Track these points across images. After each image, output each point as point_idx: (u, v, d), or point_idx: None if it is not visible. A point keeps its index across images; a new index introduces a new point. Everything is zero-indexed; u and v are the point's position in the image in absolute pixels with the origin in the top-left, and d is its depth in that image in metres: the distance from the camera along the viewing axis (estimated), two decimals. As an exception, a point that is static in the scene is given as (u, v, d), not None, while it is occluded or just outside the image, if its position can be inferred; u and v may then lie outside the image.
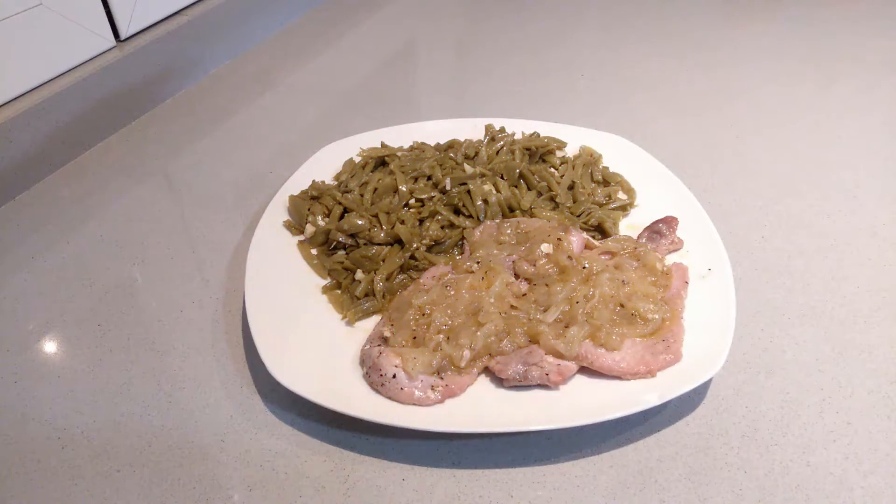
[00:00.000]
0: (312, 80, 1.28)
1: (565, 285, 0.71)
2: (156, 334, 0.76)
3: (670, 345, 0.66)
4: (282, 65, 1.33)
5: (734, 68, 1.29)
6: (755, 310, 0.77)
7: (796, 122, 1.12)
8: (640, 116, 1.15)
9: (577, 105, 1.19)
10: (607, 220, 0.84)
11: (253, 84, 1.26)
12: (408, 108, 1.20)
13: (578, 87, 1.25)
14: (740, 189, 0.97)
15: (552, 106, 1.18)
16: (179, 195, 0.99)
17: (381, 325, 0.71)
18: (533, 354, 0.65)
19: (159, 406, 0.68)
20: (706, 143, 1.07)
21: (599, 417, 0.61)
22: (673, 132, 1.10)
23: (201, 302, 0.80)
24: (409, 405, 0.63)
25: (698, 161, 1.03)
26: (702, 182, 0.98)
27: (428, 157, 0.93)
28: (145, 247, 0.90)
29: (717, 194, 0.95)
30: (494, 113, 1.14)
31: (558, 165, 0.94)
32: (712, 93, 1.22)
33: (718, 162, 1.03)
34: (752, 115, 1.14)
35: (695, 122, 1.13)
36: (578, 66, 1.31)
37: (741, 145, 1.07)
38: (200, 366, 0.72)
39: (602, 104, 1.19)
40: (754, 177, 0.99)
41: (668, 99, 1.20)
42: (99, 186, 1.01)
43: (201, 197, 0.99)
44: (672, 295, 0.72)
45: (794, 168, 1.01)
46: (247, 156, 1.08)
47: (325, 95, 1.23)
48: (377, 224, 0.83)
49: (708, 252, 0.78)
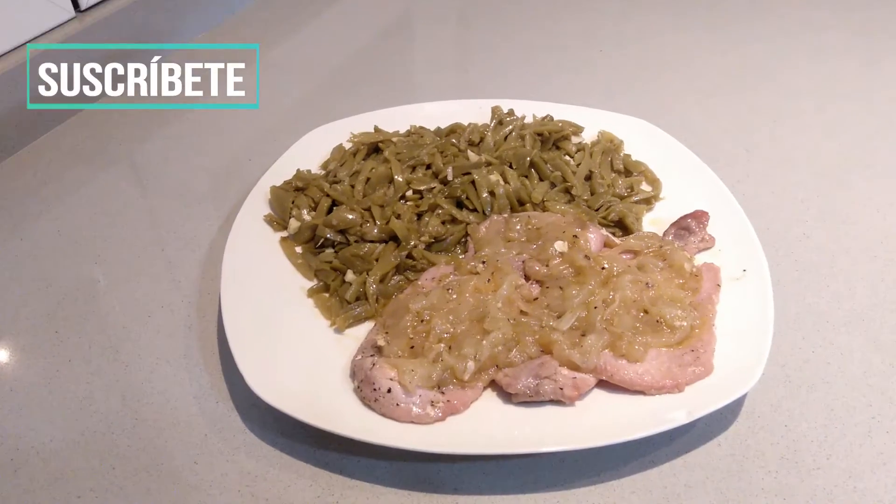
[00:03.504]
0: (296, 56, 1.28)
1: (582, 288, 0.71)
2: (120, 342, 0.76)
3: (700, 355, 0.66)
4: (262, 38, 1.32)
5: (772, 42, 1.29)
6: (795, 316, 0.77)
7: (842, 104, 1.12)
8: (666, 97, 1.14)
9: (595, 84, 1.18)
10: (629, 215, 0.83)
11: (228, 61, 1.26)
12: (404, 87, 1.20)
13: (597, 63, 1.24)
14: (779, 179, 0.97)
15: (567, 85, 1.18)
16: (147, 185, 0.99)
17: (374, 332, 0.71)
18: (545, 366, 0.65)
19: (124, 424, 0.68)
20: (741, 128, 1.07)
21: (620, 437, 0.60)
22: (703, 115, 1.10)
23: (172, 306, 0.80)
24: (406, 423, 0.63)
25: (732, 148, 1.03)
26: (736, 171, 0.97)
27: (427, 144, 0.93)
28: (108, 243, 0.89)
29: (752, 185, 0.95)
30: (502, 94, 1.14)
31: (574, 153, 0.94)
32: (748, 70, 1.21)
33: (754, 149, 1.03)
34: (792, 96, 1.14)
35: (728, 104, 1.12)
36: (597, 41, 1.30)
37: (780, 129, 1.07)
38: (171, 378, 0.72)
39: (624, 83, 1.19)
40: (795, 165, 0.99)
41: (698, 77, 1.20)
42: (56, 175, 1.01)
43: (172, 187, 0.98)
44: (702, 299, 0.72)
45: (839, 156, 1.01)
46: (223, 141, 1.07)
47: (311, 73, 1.23)
48: (370, 219, 0.82)
49: (742, 251, 0.78)
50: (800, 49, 1.27)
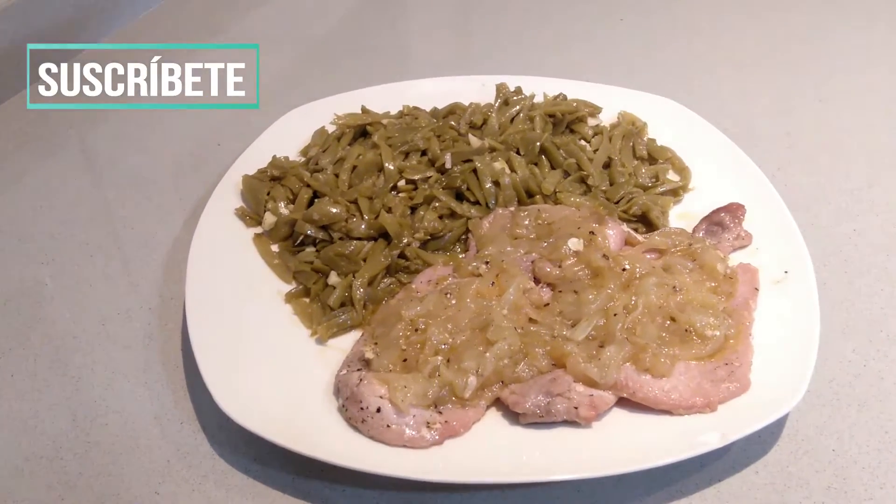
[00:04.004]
0: (272, 26, 1.28)
1: (600, 293, 0.71)
2: (70, 355, 0.76)
3: (735, 370, 0.66)
4: (232, 5, 1.32)
5: (817, 9, 1.29)
6: (844, 324, 0.77)
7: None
8: (695, 73, 1.14)
9: (614, 58, 1.18)
10: (654, 208, 0.83)
11: (195, 31, 1.26)
12: (396, 61, 1.20)
13: (617, 33, 1.24)
14: (825, 167, 0.96)
15: (583, 59, 1.18)
16: (100, 174, 0.99)
17: (361, 343, 0.71)
18: (558, 382, 0.65)
19: (75, 448, 0.68)
20: (781, 108, 1.07)
21: (643, 464, 0.60)
22: (738, 93, 1.10)
23: (129, 313, 0.80)
24: (398, 447, 0.63)
25: (771, 131, 1.03)
26: (776, 158, 0.97)
27: (422, 126, 0.93)
28: (56, 241, 0.89)
29: (795, 174, 0.95)
30: (508, 69, 1.14)
31: (591, 137, 0.94)
32: (791, 40, 1.21)
33: (797, 132, 1.02)
34: (840, 71, 1.14)
35: (766, 80, 1.12)
36: (616, 8, 1.30)
37: (826, 111, 1.07)
38: (128, 395, 0.72)
39: (647, 57, 1.18)
40: (843, 152, 0.99)
41: (732, 49, 1.20)
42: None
43: (128, 176, 0.98)
44: (737, 305, 0.72)
45: (894, 140, 1.01)
46: (187, 123, 1.07)
47: (289, 45, 1.23)
48: (356, 213, 0.82)
49: (784, 250, 0.78)
50: (851, 15, 1.26)
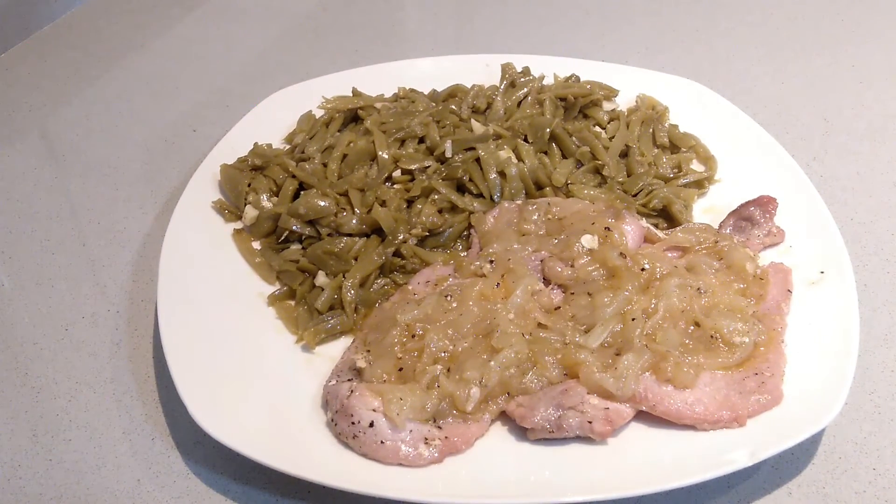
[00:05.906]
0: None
1: (616, 295, 0.71)
2: (30, 363, 0.76)
3: (766, 380, 0.66)
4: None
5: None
6: (886, 330, 0.77)
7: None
8: (722, 53, 1.14)
9: (632, 36, 1.18)
10: (676, 202, 0.83)
11: (168, 5, 1.26)
12: (391, 38, 1.19)
13: (634, 9, 1.24)
14: (865, 158, 0.97)
15: (597, 38, 1.18)
16: (63, 163, 0.99)
17: (352, 350, 0.71)
18: (570, 394, 0.65)
19: (35, 466, 0.68)
20: (817, 92, 1.07)
21: (664, 484, 0.60)
22: (770, 76, 1.10)
23: (95, 317, 0.80)
24: (394, 465, 0.63)
25: (806, 117, 1.03)
26: (811, 148, 0.98)
27: (420, 111, 0.93)
28: (14, 237, 0.89)
29: (832, 166, 0.95)
30: (514, 48, 1.14)
31: (606, 123, 0.94)
32: (827, 19, 1.21)
33: (834, 119, 1.03)
34: (882, 51, 1.14)
35: (800, 62, 1.12)
36: (635, -20, 1.31)
37: (866, 95, 1.07)
38: (94, 408, 0.72)
39: (668, 35, 1.18)
40: (885, 141, 0.99)
41: (763, 27, 1.20)
42: (-53, 150, 1.01)
43: (94, 165, 0.98)
44: (768, 309, 0.72)
45: (941, 128, 1.02)
46: (160, 106, 1.07)
47: (273, 20, 1.23)
48: (347, 206, 0.82)
49: (820, 248, 0.78)
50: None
